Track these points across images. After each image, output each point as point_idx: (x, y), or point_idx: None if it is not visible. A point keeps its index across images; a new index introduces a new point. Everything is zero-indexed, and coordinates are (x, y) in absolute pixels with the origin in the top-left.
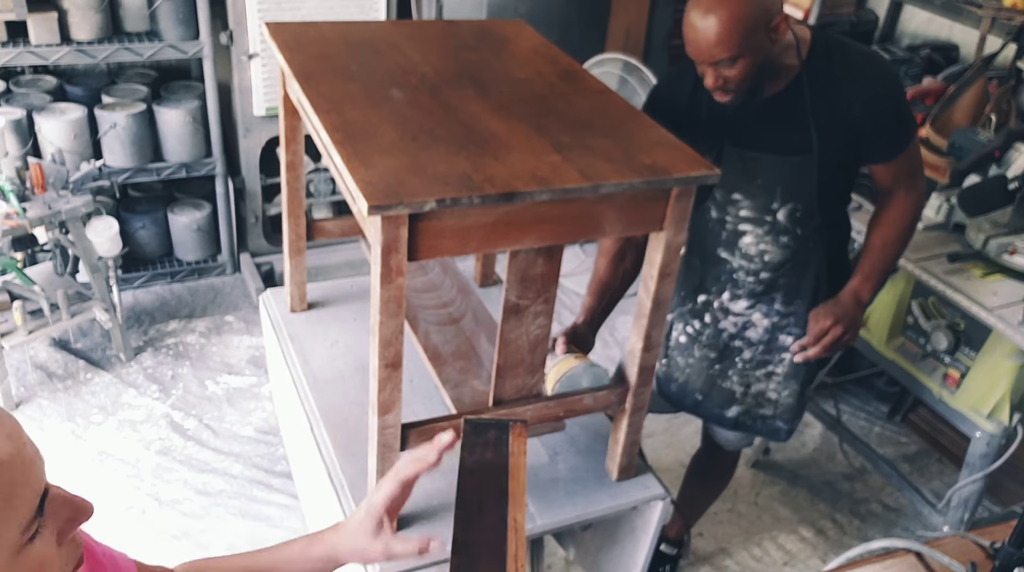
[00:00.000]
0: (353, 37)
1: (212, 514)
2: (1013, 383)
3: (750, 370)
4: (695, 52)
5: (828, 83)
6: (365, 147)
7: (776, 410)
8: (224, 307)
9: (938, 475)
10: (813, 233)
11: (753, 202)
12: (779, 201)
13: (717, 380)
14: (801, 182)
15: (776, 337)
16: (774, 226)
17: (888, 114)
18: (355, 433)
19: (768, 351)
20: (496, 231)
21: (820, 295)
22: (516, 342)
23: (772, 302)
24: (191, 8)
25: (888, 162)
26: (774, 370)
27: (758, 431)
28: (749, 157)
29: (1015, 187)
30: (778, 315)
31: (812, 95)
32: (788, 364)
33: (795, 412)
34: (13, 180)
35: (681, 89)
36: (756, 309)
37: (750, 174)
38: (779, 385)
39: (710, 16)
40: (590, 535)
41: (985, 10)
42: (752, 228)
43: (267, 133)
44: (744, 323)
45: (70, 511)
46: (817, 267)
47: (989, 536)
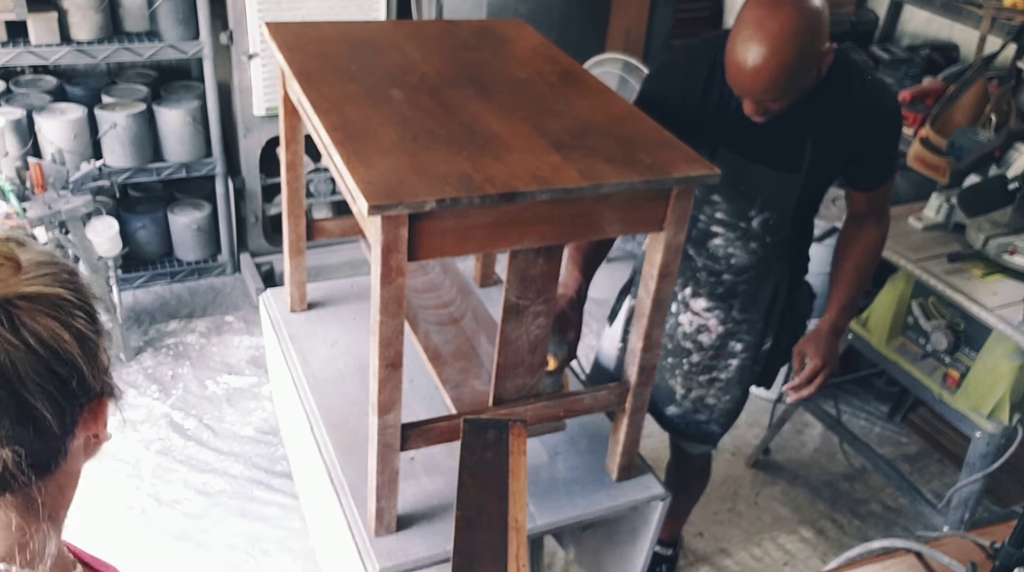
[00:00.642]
0: (353, 37)
1: (212, 514)
2: (1013, 383)
3: (695, 374)
4: (740, 89)
5: (838, 107)
6: (365, 147)
7: (712, 415)
8: (224, 307)
9: (938, 475)
10: (781, 242)
11: (731, 206)
12: (757, 209)
13: (665, 374)
14: (783, 195)
15: (727, 344)
16: (747, 232)
17: (886, 149)
18: (355, 433)
19: (716, 357)
20: (496, 231)
21: (776, 305)
22: (516, 342)
23: (730, 309)
24: (191, 8)
25: (870, 191)
26: (718, 376)
27: (690, 436)
28: (740, 162)
29: (1015, 187)
30: (733, 322)
31: (819, 116)
32: (734, 370)
33: (731, 416)
34: (13, 180)
35: (694, 78)
36: (714, 314)
37: (736, 179)
38: (719, 391)
39: (762, 62)
40: (590, 535)
41: (985, 10)
42: (724, 231)
43: (267, 133)
44: (700, 326)
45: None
46: (778, 276)
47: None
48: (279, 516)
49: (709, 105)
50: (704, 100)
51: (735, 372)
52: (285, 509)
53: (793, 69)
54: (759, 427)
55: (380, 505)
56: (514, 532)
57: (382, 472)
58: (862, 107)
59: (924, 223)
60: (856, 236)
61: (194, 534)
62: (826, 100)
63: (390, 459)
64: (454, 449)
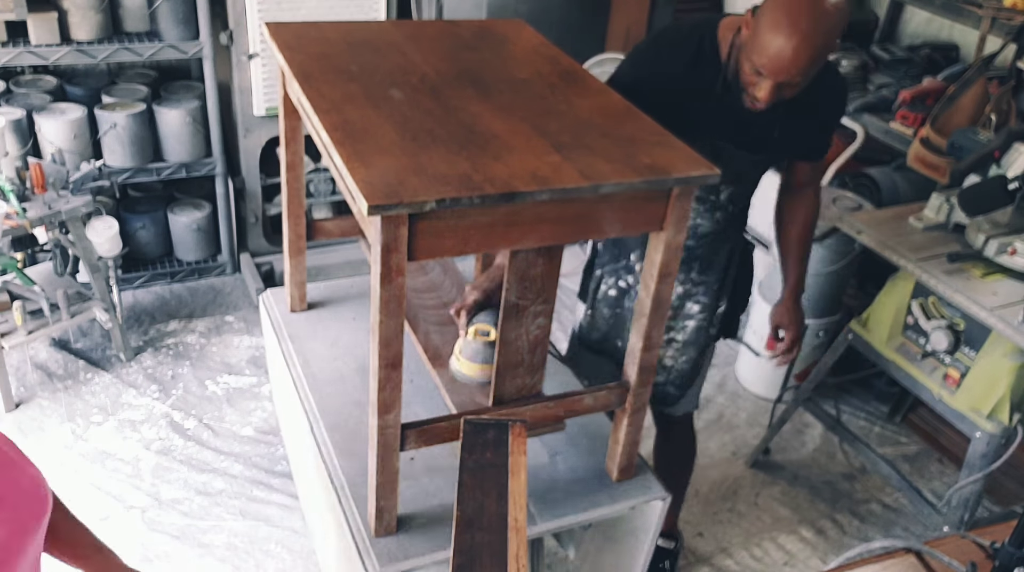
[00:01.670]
0: (353, 37)
1: (212, 514)
2: (1013, 383)
3: None
4: (773, 69)
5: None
6: (365, 147)
7: (669, 376)
8: (224, 307)
9: (938, 475)
10: (741, 211)
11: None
12: (727, 184)
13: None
14: (752, 173)
15: (684, 304)
16: (715, 204)
17: (835, 122)
18: (355, 433)
19: (674, 317)
20: (496, 231)
21: (731, 267)
22: (516, 342)
23: (688, 271)
24: (191, 8)
25: (815, 162)
26: (675, 337)
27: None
28: (719, 146)
29: (1015, 187)
30: (690, 283)
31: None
32: (690, 331)
33: (687, 379)
34: (13, 180)
35: (680, 61)
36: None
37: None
38: (677, 352)
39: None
40: (590, 535)
41: (985, 10)
42: (695, 204)
43: (267, 133)
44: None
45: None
46: (733, 241)
47: (989, 536)
48: (279, 516)
49: (693, 89)
50: (688, 83)
51: (691, 333)
52: (285, 509)
53: (823, 52)
54: (759, 427)
55: (380, 505)
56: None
57: (382, 472)
58: (824, 87)
59: (924, 223)
60: (799, 208)
61: (194, 534)
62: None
63: (390, 459)
64: (454, 449)
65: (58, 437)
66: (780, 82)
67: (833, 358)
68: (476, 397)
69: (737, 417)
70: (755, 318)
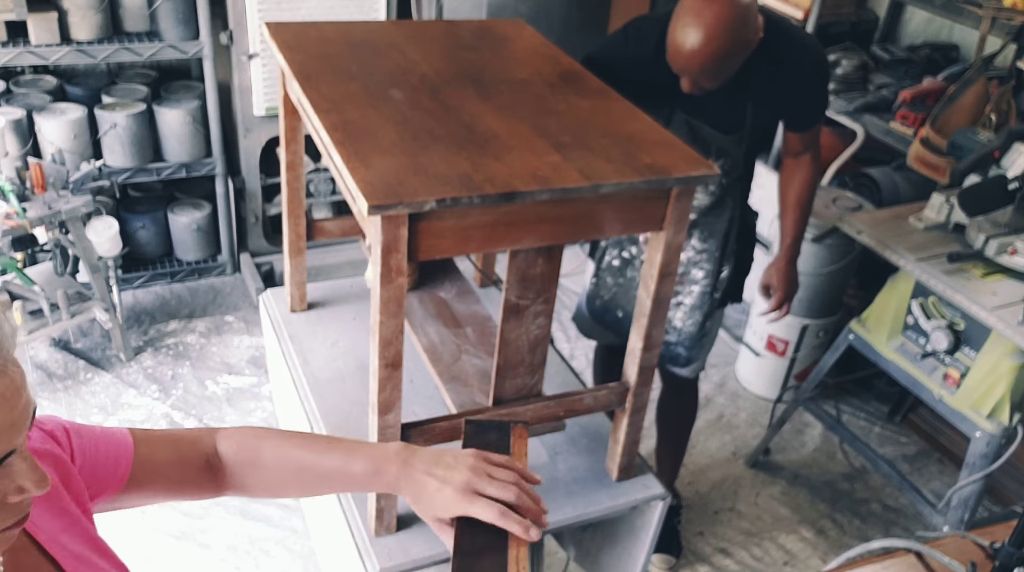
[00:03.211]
0: (353, 37)
1: (212, 514)
2: (1013, 383)
3: None
4: (678, 68)
5: (772, 65)
6: (365, 147)
7: (679, 337)
8: (224, 307)
9: (938, 475)
10: (736, 182)
11: None
12: (713, 157)
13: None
14: (733, 148)
15: (689, 271)
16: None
17: (816, 92)
18: (355, 433)
19: (681, 282)
20: (496, 231)
21: (732, 235)
22: (516, 342)
23: (690, 238)
24: (191, 8)
25: (805, 131)
26: (683, 301)
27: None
28: (695, 125)
29: (1015, 187)
30: (693, 250)
31: (756, 77)
32: (696, 295)
33: (695, 341)
34: (13, 180)
35: (645, 49)
36: None
37: (692, 137)
38: (685, 315)
39: (698, 47)
40: (590, 535)
41: (985, 10)
42: None
43: (267, 133)
44: None
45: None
46: (732, 210)
47: (989, 536)
48: (279, 516)
49: (661, 73)
50: (656, 69)
51: (697, 297)
52: (285, 509)
53: (725, 55)
54: (759, 427)
55: (380, 505)
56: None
57: None
58: (792, 62)
59: (924, 223)
60: (795, 173)
61: (194, 534)
62: (760, 63)
63: None
64: None
65: None
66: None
67: (833, 358)
68: (476, 397)
69: (737, 417)
70: (754, 319)
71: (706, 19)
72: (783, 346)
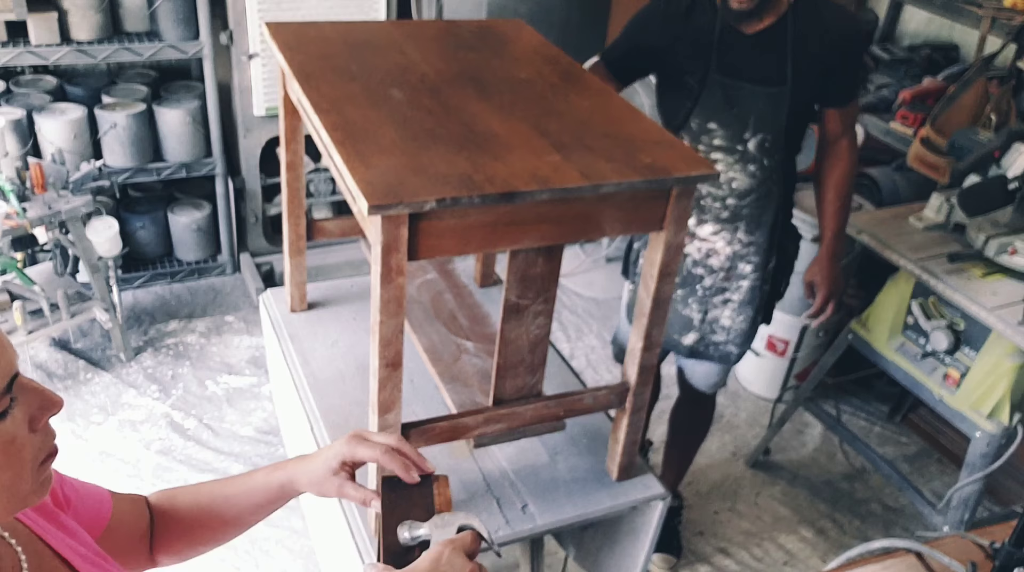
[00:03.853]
0: (353, 37)
1: None
2: (1013, 383)
3: (709, 297)
4: None
5: (811, 24)
6: (365, 147)
7: (729, 336)
8: (224, 307)
9: (938, 475)
10: (778, 165)
11: (727, 131)
12: (751, 131)
13: (678, 306)
14: (773, 113)
15: (736, 265)
16: (744, 155)
17: (854, 61)
18: None
19: (727, 278)
20: (496, 231)
21: (778, 227)
22: (516, 342)
23: (736, 230)
24: (191, 8)
25: (842, 107)
26: (731, 297)
27: (711, 357)
28: (729, 85)
29: (1015, 187)
30: (740, 243)
31: (794, 33)
32: (745, 290)
33: (746, 337)
34: (13, 180)
35: (677, 8)
36: (720, 236)
37: (728, 102)
38: (734, 312)
39: None
40: (590, 535)
41: (985, 10)
42: (723, 156)
43: (267, 133)
44: (708, 250)
45: (40, 400)
46: (779, 199)
47: (989, 536)
48: (279, 516)
49: (689, 37)
50: (685, 33)
51: (747, 293)
52: (285, 509)
53: None
54: (759, 427)
55: None
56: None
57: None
58: (831, 20)
59: (924, 223)
60: (835, 161)
61: None
62: (798, 19)
63: None
64: (454, 449)
65: (58, 437)
66: None
67: (833, 358)
68: (476, 397)
69: (737, 417)
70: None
71: None
72: (783, 346)
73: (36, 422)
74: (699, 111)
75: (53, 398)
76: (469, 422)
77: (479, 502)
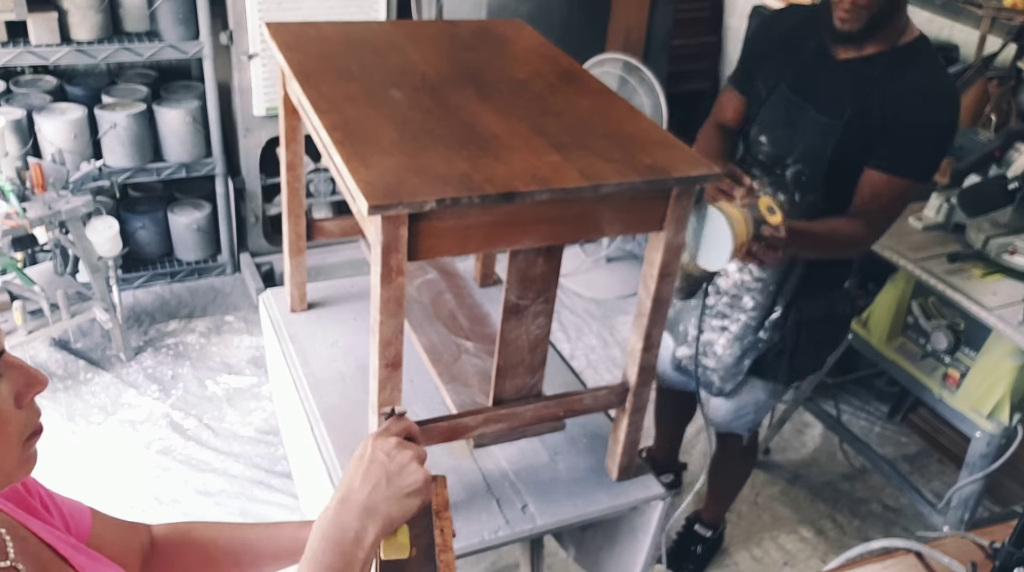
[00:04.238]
0: (353, 37)
1: (212, 514)
2: (1013, 383)
3: (709, 317)
4: None
5: (901, 75)
6: (365, 147)
7: (716, 364)
8: (224, 307)
9: (938, 475)
10: (808, 207)
11: (772, 150)
12: (793, 158)
13: (681, 316)
14: (819, 146)
15: (741, 296)
16: (779, 181)
17: (922, 135)
18: (355, 433)
19: (730, 305)
20: (496, 231)
21: (792, 275)
22: (516, 342)
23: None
24: (191, 8)
25: (882, 172)
26: (728, 326)
27: (695, 378)
28: (793, 103)
29: (1015, 187)
30: (749, 274)
31: (881, 75)
32: (741, 326)
33: (730, 373)
34: (13, 180)
35: (783, 23)
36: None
37: (786, 120)
38: (727, 342)
39: None
40: (590, 535)
41: (985, 10)
42: (760, 174)
43: (267, 133)
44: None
45: (26, 377)
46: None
47: (989, 536)
48: (279, 516)
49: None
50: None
51: (741, 328)
52: (285, 509)
53: None
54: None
55: None
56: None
57: None
58: (917, 88)
59: (924, 223)
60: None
61: None
62: (890, 66)
63: None
64: (454, 449)
65: (58, 437)
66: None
67: (833, 358)
68: (476, 397)
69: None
70: None
71: None
72: None
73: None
74: (760, 120)
75: (38, 376)
76: (469, 422)
77: (479, 502)
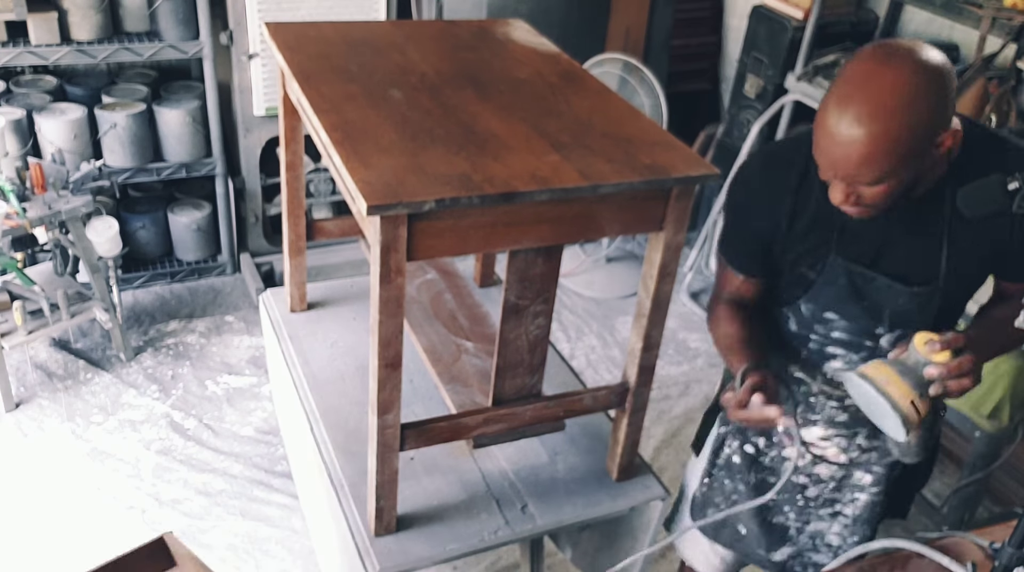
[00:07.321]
0: (353, 37)
1: (212, 514)
2: (1013, 383)
3: (814, 508)
4: (828, 164)
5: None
6: (365, 147)
7: (836, 555)
8: (224, 307)
9: (938, 475)
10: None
11: (852, 325)
12: (886, 325)
13: (768, 514)
14: (917, 312)
15: (852, 474)
16: (875, 352)
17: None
18: (355, 433)
19: (838, 489)
20: (495, 231)
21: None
22: (516, 342)
23: (854, 436)
24: (191, 8)
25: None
26: (842, 511)
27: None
28: (857, 274)
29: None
30: (858, 450)
31: (952, 210)
32: (862, 506)
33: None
34: (13, 180)
35: (787, 174)
36: (832, 442)
37: (856, 294)
38: (845, 529)
39: (861, 129)
40: (588, 535)
41: (985, 10)
42: (845, 352)
43: (267, 133)
44: (814, 457)
45: None
46: None
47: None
48: (279, 516)
49: (806, 211)
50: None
51: (864, 508)
52: (285, 509)
53: (900, 140)
54: None
55: (380, 505)
56: None
57: (382, 472)
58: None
59: None
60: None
61: (194, 534)
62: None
63: (390, 459)
64: (454, 449)
65: (58, 437)
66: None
67: None
68: (476, 397)
69: None
70: None
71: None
72: None
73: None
74: (814, 299)
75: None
76: (469, 422)
77: (479, 502)
